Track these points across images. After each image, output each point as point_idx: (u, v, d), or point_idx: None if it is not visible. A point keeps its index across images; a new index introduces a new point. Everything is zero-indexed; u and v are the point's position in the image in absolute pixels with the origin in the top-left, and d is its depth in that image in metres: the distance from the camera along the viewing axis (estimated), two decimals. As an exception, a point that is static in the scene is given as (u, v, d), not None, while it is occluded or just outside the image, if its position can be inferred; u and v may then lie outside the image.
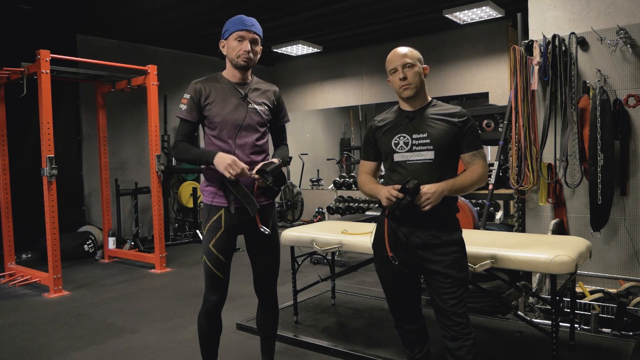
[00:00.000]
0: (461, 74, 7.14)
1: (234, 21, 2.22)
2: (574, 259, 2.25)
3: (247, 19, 2.22)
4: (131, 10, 5.75)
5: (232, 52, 2.20)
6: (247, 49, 2.18)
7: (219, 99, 2.20)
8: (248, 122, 2.22)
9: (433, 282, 2.03)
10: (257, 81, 2.35)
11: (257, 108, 2.25)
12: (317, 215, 7.57)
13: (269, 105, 2.30)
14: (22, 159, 5.74)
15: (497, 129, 4.01)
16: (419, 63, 2.07)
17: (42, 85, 4.33)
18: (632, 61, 3.22)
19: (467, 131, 2.04)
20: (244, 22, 2.19)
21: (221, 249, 2.22)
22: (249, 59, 2.20)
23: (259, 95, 2.29)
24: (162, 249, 5.28)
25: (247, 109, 2.23)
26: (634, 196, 3.26)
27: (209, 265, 2.22)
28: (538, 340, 2.87)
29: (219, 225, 2.21)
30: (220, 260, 2.22)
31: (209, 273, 2.24)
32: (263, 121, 2.27)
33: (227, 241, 2.24)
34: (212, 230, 2.22)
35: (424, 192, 1.91)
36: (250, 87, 2.28)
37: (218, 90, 2.22)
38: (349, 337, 3.08)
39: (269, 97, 2.32)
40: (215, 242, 2.21)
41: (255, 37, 2.22)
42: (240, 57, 2.19)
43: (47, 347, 3.19)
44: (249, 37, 2.19)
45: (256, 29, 2.22)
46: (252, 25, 2.21)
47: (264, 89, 2.33)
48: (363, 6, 5.87)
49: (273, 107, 2.33)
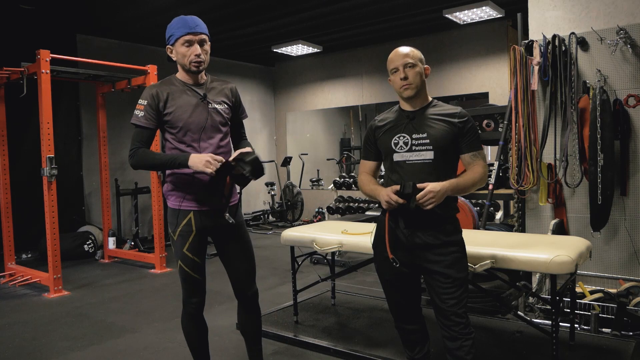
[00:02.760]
0: (461, 74, 7.14)
1: (177, 25, 2.11)
2: (574, 259, 2.25)
3: (189, 19, 2.12)
4: (131, 10, 5.75)
5: (183, 58, 2.12)
6: (196, 52, 2.10)
7: (178, 102, 2.13)
8: (210, 123, 2.17)
9: (433, 282, 2.03)
10: (212, 79, 2.28)
11: (218, 107, 2.20)
12: (317, 215, 7.58)
13: (228, 103, 2.26)
14: (22, 159, 5.73)
15: (497, 129, 4.01)
16: (420, 63, 2.07)
17: (42, 85, 4.34)
18: (632, 61, 3.22)
19: (467, 132, 2.04)
20: (188, 25, 2.10)
21: (195, 251, 2.20)
22: (200, 62, 2.12)
23: (217, 94, 2.23)
24: (162, 249, 5.28)
25: (207, 110, 2.17)
26: (634, 196, 3.26)
27: (186, 270, 2.20)
28: (538, 340, 2.87)
29: (190, 229, 2.18)
30: (195, 262, 2.21)
31: (186, 277, 2.22)
32: (225, 120, 2.23)
33: (199, 243, 2.21)
34: (183, 235, 2.18)
35: (427, 191, 1.90)
36: (207, 86, 2.22)
37: (176, 93, 2.15)
38: (349, 337, 3.07)
39: (227, 95, 2.27)
40: (189, 246, 2.18)
41: (203, 37, 2.13)
42: (192, 63, 2.11)
43: (47, 347, 3.19)
44: (196, 39, 2.10)
45: (201, 28, 2.13)
46: (197, 25, 2.12)
47: (220, 87, 2.27)
48: (363, 6, 5.87)
49: (232, 105, 2.28)
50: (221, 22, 6.25)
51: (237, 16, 6.03)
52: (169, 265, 5.42)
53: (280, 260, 5.59)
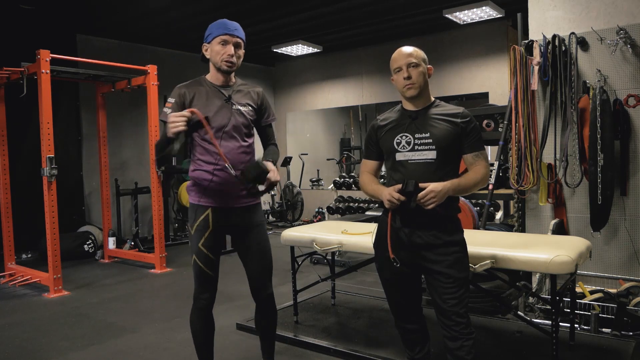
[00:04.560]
0: (461, 74, 7.14)
1: (217, 25, 2.23)
2: (574, 259, 2.25)
3: (230, 23, 2.23)
4: (131, 10, 5.75)
5: (216, 56, 2.22)
6: (230, 52, 2.20)
7: (202, 102, 2.22)
8: (233, 123, 2.24)
9: (434, 282, 2.03)
10: (241, 83, 2.37)
11: (241, 109, 2.28)
12: (317, 215, 7.58)
13: (252, 105, 2.33)
14: (22, 159, 5.74)
15: (497, 129, 4.01)
16: (424, 63, 2.07)
17: (42, 85, 4.33)
18: (632, 61, 3.22)
19: (469, 132, 2.04)
20: (228, 27, 2.21)
21: (210, 247, 2.25)
22: (233, 63, 2.22)
23: (242, 97, 2.31)
24: (162, 249, 5.28)
25: (231, 111, 2.25)
26: (634, 196, 3.26)
27: (199, 264, 2.25)
28: (538, 340, 2.87)
29: (207, 225, 2.24)
30: (209, 258, 2.26)
31: (200, 272, 2.27)
32: (247, 122, 2.30)
33: (215, 240, 2.27)
34: (200, 229, 2.25)
35: (429, 190, 1.91)
36: (233, 89, 2.30)
37: (202, 93, 2.24)
38: (349, 337, 3.07)
39: (253, 98, 2.35)
40: (204, 241, 2.24)
41: (239, 41, 2.23)
42: (223, 61, 2.21)
43: (47, 347, 3.19)
44: (233, 41, 2.21)
45: (239, 33, 2.24)
46: (236, 29, 2.23)
47: (247, 90, 2.35)
48: (363, 6, 5.87)
49: (257, 108, 2.35)
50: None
51: (237, 16, 5.92)
52: (169, 265, 5.42)
53: (280, 260, 5.54)
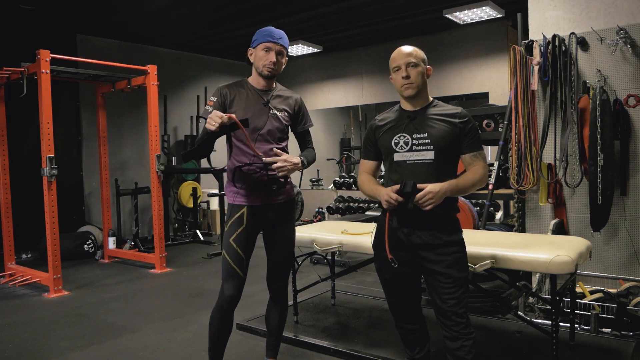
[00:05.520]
0: (461, 74, 7.14)
1: (263, 32, 2.32)
2: (574, 259, 2.25)
3: (276, 31, 2.32)
4: (131, 10, 5.75)
5: (259, 61, 2.31)
6: (272, 59, 2.28)
7: (242, 103, 2.31)
8: (269, 127, 2.31)
9: (433, 282, 2.03)
10: (281, 89, 2.45)
11: (278, 114, 2.36)
12: (317, 215, 7.57)
13: (289, 111, 2.41)
14: (22, 159, 5.73)
15: (497, 129, 4.01)
16: (423, 63, 2.08)
17: (42, 85, 4.33)
18: (632, 61, 3.22)
19: (468, 132, 2.04)
20: (273, 35, 2.30)
21: (241, 244, 2.30)
22: (273, 69, 2.31)
23: (280, 102, 2.39)
24: (162, 249, 5.28)
25: (268, 115, 2.33)
26: (634, 196, 3.26)
27: (228, 259, 2.29)
28: (538, 340, 2.87)
29: (241, 222, 2.31)
30: (239, 255, 2.29)
31: (227, 267, 2.30)
32: (283, 127, 2.38)
33: (247, 238, 2.32)
34: (234, 225, 2.31)
35: (427, 192, 1.91)
36: (273, 93, 2.39)
37: (242, 95, 2.33)
38: (349, 337, 3.07)
39: (290, 104, 2.43)
40: (236, 237, 2.29)
41: (282, 49, 2.33)
42: (265, 67, 2.29)
43: (47, 347, 3.19)
44: (276, 48, 2.30)
45: (283, 42, 2.33)
46: (280, 38, 2.32)
47: (286, 96, 2.44)
48: (363, 6, 5.87)
49: (293, 114, 2.44)
50: (221, 22, 6.24)
51: (237, 16, 6.02)
52: (169, 265, 5.42)
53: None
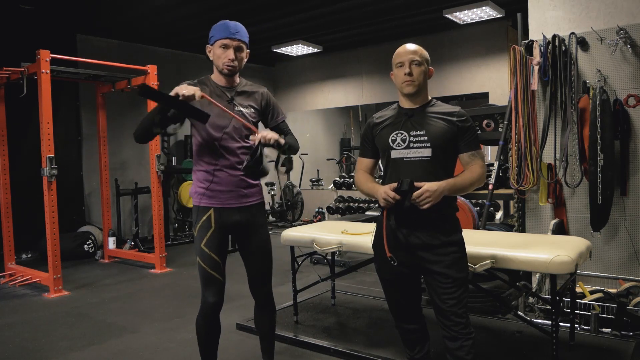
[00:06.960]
0: (461, 74, 7.14)
1: (219, 27, 2.21)
2: (574, 259, 2.25)
3: (232, 25, 2.21)
4: (131, 10, 5.75)
5: (218, 59, 2.22)
6: (230, 57, 2.19)
7: (205, 101, 2.18)
8: (234, 124, 2.23)
9: (433, 282, 2.03)
10: (245, 84, 2.35)
11: (244, 110, 2.26)
12: (317, 215, 7.57)
13: (256, 107, 2.32)
14: (22, 159, 5.73)
15: (497, 129, 4.00)
16: (426, 63, 2.08)
17: (42, 85, 4.33)
18: (632, 61, 3.22)
19: (465, 131, 2.04)
20: (229, 29, 2.19)
21: (213, 248, 2.22)
22: (233, 67, 2.21)
23: (245, 98, 2.30)
24: (162, 249, 5.28)
25: (233, 112, 2.23)
26: (634, 196, 3.26)
27: (203, 266, 2.22)
28: (538, 340, 2.87)
29: (209, 225, 2.22)
30: (213, 259, 2.22)
31: (204, 274, 2.23)
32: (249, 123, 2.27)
33: (218, 240, 2.23)
34: (202, 230, 2.22)
35: (424, 190, 1.90)
36: (237, 90, 2.29)
37: (205, 92, 2.21)
38: (349, 337, 3.07)
39: (257, 99, 2.33)
40: (207, 241, 2.21)
41: (240, 44, 2.22)
42: (225, 66, 2.20)
43: (47, 347, 3.19)
44: (233, 44, 2.19)
45: (241, 35, 2.21)
46: (237, 32, 2.20)
47: (251, 91, 2.34)
48: (363, 6, 5.87)
49: (261, 109, 2.34)
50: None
51: (237, 16, 5.91)
52: (169, 265, 5.42)
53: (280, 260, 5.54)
